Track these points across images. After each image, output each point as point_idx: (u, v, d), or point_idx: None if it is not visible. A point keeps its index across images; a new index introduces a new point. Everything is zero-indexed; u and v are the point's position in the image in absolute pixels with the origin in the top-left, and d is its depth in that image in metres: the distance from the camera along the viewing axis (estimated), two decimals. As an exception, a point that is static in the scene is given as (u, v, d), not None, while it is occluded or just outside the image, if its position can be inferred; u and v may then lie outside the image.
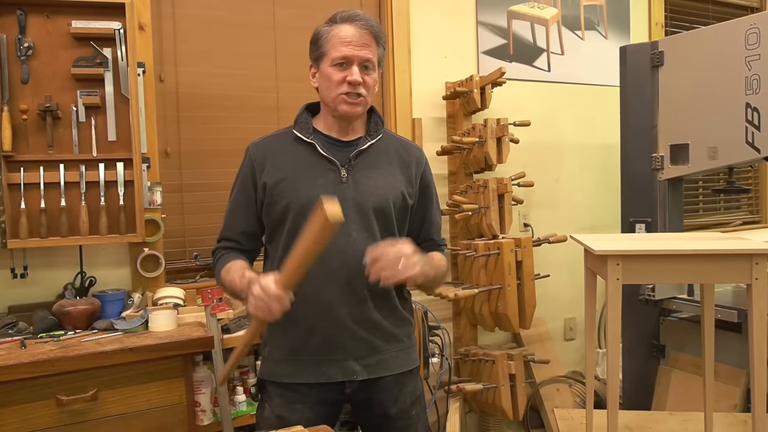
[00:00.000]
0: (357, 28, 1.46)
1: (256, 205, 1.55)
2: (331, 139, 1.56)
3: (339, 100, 1.49)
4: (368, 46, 1.47)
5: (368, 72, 1.48)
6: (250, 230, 1.57)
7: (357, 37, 1.46)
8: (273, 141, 1.57)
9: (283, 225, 1.50)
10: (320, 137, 1.55)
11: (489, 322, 2.70)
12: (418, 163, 1.62)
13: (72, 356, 1.74)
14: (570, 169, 3.32)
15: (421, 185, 1.62)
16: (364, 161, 1.54)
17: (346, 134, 1.56)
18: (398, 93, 2.81)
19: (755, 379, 1.33)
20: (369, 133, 1.58)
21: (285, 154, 1.53)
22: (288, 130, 1.58)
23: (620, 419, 1.70)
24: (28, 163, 2.09)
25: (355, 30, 1.46)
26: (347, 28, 1.47)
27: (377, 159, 1.56)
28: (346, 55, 1.46)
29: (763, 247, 1.32)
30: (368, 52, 1.47)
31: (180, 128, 2.44)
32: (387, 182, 1.54)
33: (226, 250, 1.58)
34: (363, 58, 1.46)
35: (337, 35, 1.47)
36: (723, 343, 2.18)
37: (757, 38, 2.11)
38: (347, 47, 1.45)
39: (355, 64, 1.46)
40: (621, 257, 1.34)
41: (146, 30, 2.29)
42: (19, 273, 2.12)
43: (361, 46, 1.46)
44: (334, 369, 1.50)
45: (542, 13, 3.21)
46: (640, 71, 2.46)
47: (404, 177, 1.57)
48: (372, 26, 1.47)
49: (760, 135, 2.12)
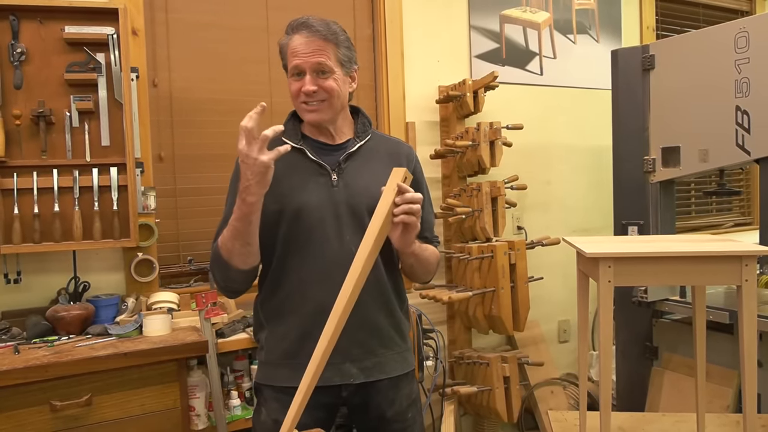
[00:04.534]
0: (305, 36, 1.47)
1: None
2: (319, 143, 1.57)
3: (302, 110, 1.52)
4: (321, 50, 1.47)
5: (325, 76, 1.48)
6: None
7: (306, 45, 1.47)
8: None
9: (277, 231, 1.51)
10: (309, 142, 1.56)
11: (483, 324, 2.71)
12: (408, 161, 1.63)
13: (66, 361, 1.73)
14: (562, 171, 3.34)
15: (412, 182, 1.63)
16: (354, 163, 1.55)
17: (334, 138, 1.57)
18: (392, 97, 2.82)
19: (746, 379, 1.34)
20: (357, 135, 1.59)
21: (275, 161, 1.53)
22: (277, 137, 1.57)
23: (613, 421, 1.71)
24: (21, 169, 2.08)
25: (304, 38, 1.47)
26: (297, 38, 1.48)
27: (367, 160, 1.57)
28: (297, 64, 1.48)
29: (752, 249, 1.33)
30: (320, 56, 1.47)
31: (174, 133, 2.44)
32: (378, 182, 1.54)
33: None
34: (314, 65, 1.47)
35: (290, 46, 1.49)
36: (715, 344, 2.19)
37: (747, 42, 2.13)
38: (297, 57, 1.47)
39: (308, 73, 1.47)
40: (612, 260, 1.35)
41: (139, 35, 2.29)
42: (12, 278, 2.12)
43: (312, 53, 1.46)
44: (330, 372, 1.49)
45: (534, 17, 3.23)
46: (632, 74, 2.47)
47: None
48: (319, 31, 1.47)
49: (751, 138, 2.14)
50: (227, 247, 1.44)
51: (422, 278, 1.69)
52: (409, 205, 1.35)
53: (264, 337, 1.57)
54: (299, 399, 1.22)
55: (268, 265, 1.56)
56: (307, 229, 1.49)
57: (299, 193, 1.50)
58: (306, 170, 1.52)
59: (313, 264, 1.49)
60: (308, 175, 1.52)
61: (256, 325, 1.62)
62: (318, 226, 1.49)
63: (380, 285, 1.54)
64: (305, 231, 1.49)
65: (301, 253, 1.50)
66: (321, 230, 1.49)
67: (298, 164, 1.53)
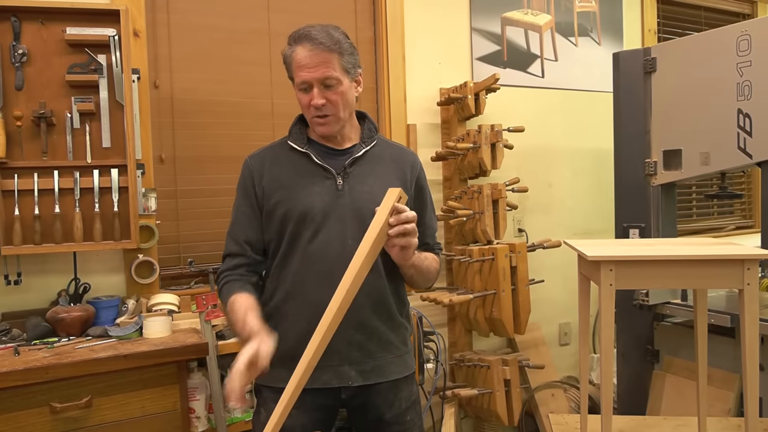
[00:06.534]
0: (309, 49, 1.46)
1: (261, 213, 1.56)
2: (325, 147, 1.58)
3: (313, 123, 1.54)
4: (326, 62, 1.46)
5: (331, 89, 1.48)
6: (255, 238, 1.57)
7: (311, 58, 1.46)
8: (269, 152, 1.60)
9: (283, 234, 1.53)
10: (315, 146, 1.57)
11: (484, 327, 2.71)
12: (412, 168, 1.64)
13: (66, 363, 1.73)
14: (564, 174, 3.34)
15: (416, 190, 1.64)
16: (359, 168, 1.56)
17: (340, 143, 1.59)
18: (393, 99, 2.82)
19: (748, 383, 1.34)
20: (363, 140, 1.60)
21: (281, 165, 1.56)
22: (283, 141, 1.61)
23: (614, 424, 1.70)
24: (22, 170, 2.08)
25: (308, 51, 1.46)
26: (300, 50, 1.47)
27: (372, 166, 1.58)
28: (305, 79, 1.48)
29: (754, 253, 1.32)
30: (326, 69, 1.46)
31: (175, 134, 2.44)
32: (383, 188, 1.55)
33: (231, 273, 1.56)
34: (321, 79, 1.47)
35: (294, 59, 1.49)
36: (717, 348, 2.19)
37: (749, 45, 2.13)
38: (304, 71, 1.47)
39: (315, 87, 1.47)
40: (614, 263, 1.35)
41: (141, 36, 2.29)
42: (12, 280, 2.11)
43: (317, 66, 1.46)
44: (329, 375, 1.51)
45: (536, 20, 3.23)
46: (633, 77, 2.47)
47: (399, 182, 1.59)
48: (323, 43, 1.46)
49: (752, 141, 2.13)
50: (228, 318, 1.54)
51: (422, 286, 1.70)
52: (403, 226, 1.39)
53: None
54: (286, 398, 1.24)
55: (268, 268, 1.57)
56: (311, 231, 1.50)
57: (305, 196, 1.51)
58: (311, 174, 1.54)
59: (316, 266, 1.50)
60: (313, 178, 1.53)
61: None
62: (322, 228, 1.50)
63: (380, 290, 1.54)
64: (309, 233, 1.50)
65: (304, 255, 1.51)
66: (325, 233, 1.50)
67: (304, 168, 1.54)
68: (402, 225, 1.39)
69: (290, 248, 1.52)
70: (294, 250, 1.52)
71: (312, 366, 1.27)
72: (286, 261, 1.53)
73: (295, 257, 1.52)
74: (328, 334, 1.29)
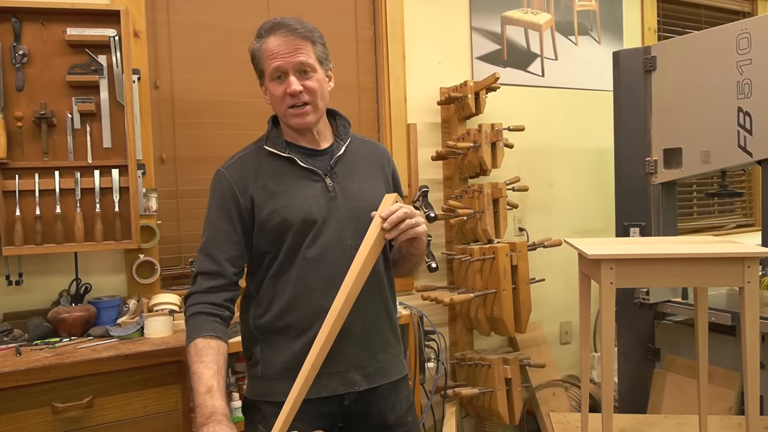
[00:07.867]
0: (282, 36, 1.43)
1: (242, 229, 1.48)
2: (305, 149, 1.52)
3: (288, 115, 1.47)
4: (300, 49, 1.43)
5: (308, 76, 1.44)
6: (236, 255, 1.48)
7: (284, 46, 1.43)
8: (246, 161, 1.51)
9: (281, 244, 1.46)
10: (294, 149, 1.51)
11: (484, 326, 2.71)
12: (388, 162, 1.64)
13: (67, 363, 1.74)
14: (564, 173, 3.34)
15: (394, 183, 1.64)
16: (344, 167, 1.52)
17: (318, 143, 1.53)
18: (393, 98, 2.82)
19: (748, 381, 1.34)
20: (340, 138, 1.56)
21: (265, 173, 1.48)
22: (257, 146, 1.53)
23: (615, 422, 1.70)
24: (23, 171, 2.09)
25: (281, 39, 1.43)
26: (273, 39, 1.44)
27: (354, 164, 1.55)
28: (278, 65, 1.43)
29: (754, 251, 1.32)
30: (301, 55, 1.43)
31: (175, 134, 2.44)
32: (371, 185, 1.53)
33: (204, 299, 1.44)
34: (296, 64, 1.43)
35: (266, 50, 1.44)
36: (718, 346, 2.19)
37: (749, 43, 2.13)
38: (277, 59, 1.43)
39: (290, 74, 1.43)
40: (614, 261, 1.35)
41: (141, 37, 2.30)
42: (14, 280, 2.12)
43: (291, 52, 1.42)
44: (336, 382, 1.46)
45: (536, 19, 3.23)
46: (634, 76, 2.47)
47: (382, 177, 1.59)
48: (296, 30, 1.43)
49: (752, 139, 2.13)
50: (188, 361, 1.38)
51: (411, 275, 1.70)
52: (399, 227, 1.39)
53: (259, 350, 1.50)
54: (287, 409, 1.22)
55: (261, 279, 1.50)
56: (311, 236, 1.45)
57: (299, 202, 1.45)
58: (299, 178, 1.48)
59: (317, 271, 1.45)
60: (303, 182, 1.48)
61: (248, 340, 1.54)
62: (321, 233, 1.45)
63: (381, 289, 1.53)
64: (309, 239, 1.45)
65: (304, 261, 1.45)
66: (324, 237, 1.45)
67: (290, 173, 1.48)
68: (396, 226, 1.38)
69: (289, 256, 1.46)
70: (293, 257, 1.46)
71: (314, 373, 1.25)
72: (284, 270, 1.46)
73: (294, 265, 1.45)
74: (329, 341, 1.27)
